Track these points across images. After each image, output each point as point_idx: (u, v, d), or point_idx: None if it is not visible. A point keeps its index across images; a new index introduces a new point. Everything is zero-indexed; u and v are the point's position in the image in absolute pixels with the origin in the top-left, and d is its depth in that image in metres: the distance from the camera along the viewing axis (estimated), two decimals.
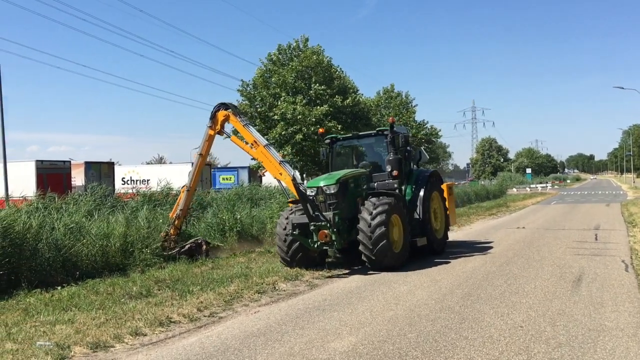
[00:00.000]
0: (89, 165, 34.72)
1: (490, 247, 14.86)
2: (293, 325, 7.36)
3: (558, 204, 39.01)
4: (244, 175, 45.05)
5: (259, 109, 36.72)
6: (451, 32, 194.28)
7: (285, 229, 11.83)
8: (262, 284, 10.13)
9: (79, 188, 29.67)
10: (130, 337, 7.07)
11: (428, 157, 15.68)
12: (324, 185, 11.56)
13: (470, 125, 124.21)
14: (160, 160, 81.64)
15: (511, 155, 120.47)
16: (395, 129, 13.45)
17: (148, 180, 37.68)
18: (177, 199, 14.87)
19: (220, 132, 13.91)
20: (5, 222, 10.53)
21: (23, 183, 25.27)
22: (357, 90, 41.28)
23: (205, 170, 35.68)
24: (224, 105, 13.81)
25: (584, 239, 16.13)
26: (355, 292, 9.39)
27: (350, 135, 14.59)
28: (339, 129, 35.68)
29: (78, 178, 33.41)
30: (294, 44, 38.50)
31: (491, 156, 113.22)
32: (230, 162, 77.86)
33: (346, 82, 39.76)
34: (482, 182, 76.54)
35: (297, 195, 11.70)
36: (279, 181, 13.04)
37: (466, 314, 7.60)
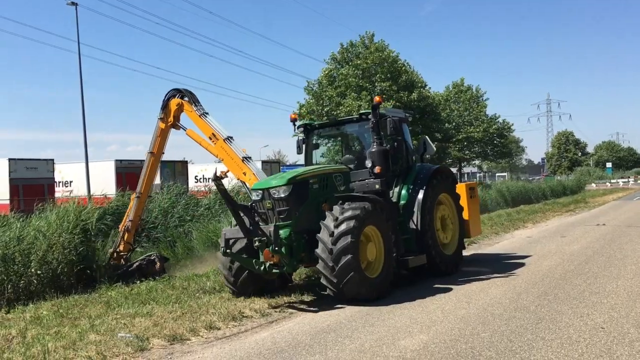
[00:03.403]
0: (164, 164, 35.84)
1: (568, 245, 14.26)
2: (363, 322, 7.35)
3: None
4: None
5: (325, 108, 36.91)
6: (524, 24, 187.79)
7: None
8: None
9: (155, 186, 30.81)
10: (205, 331, 7.29)
11: (435, 149, 12.34)
12: (272, 188, 8.80)
13: (545, 119, 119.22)
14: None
15: (590, 149, 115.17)
16: (383, 111, 10.46)
17: None
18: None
19: (175, 125, 11.60)
20: (85, 220, 11.22)
21: (104, 181, 26.55)
22: (425, 85, 40.70)
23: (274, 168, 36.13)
24: (177, 92, 11.50)
25: None
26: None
27: (327, 121, 11.50)
28: None
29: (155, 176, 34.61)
30: (359, 41, 38.40)
31: (568, 150, 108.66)
32: (298, 160, 78.60)
33: (413, 76, 39.24)
34: (558, 178, 73.66)
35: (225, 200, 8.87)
36: (242, 183, 11.09)
37: (543, 313, 7.33)
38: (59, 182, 32.05)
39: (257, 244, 8.42)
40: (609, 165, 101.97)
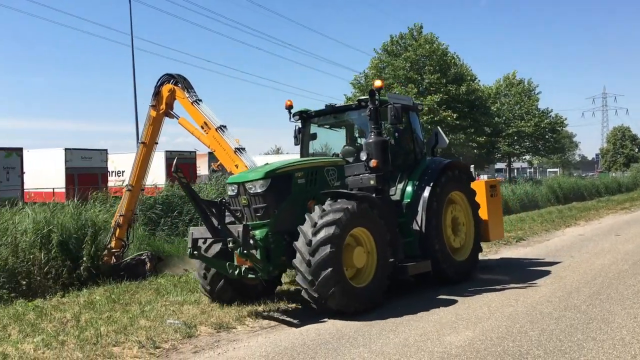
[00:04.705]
0: (212, 156, 36.57)
1: (622, 244, 13.77)
2: (408, 317, 7.32)
3: None
4: None
5: None
6: (580, 15, 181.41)
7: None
8: None
9: (203, 177, 31.42)
10: (251, 320, 7.42)
11: (447, 142, 11.12)
12: (247, 182, 7.88)
13: (600, 113, 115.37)
14: (277, 151, 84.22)
15: None
16: (386, 97, 9.18)
17: None
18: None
19: (169, 113, 10.77)
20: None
21: (154, 172, 27.16)
22: (475, 78, 40.01)
23: None
24: (170, 77, 10.69)
25: None
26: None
27: (324, 108, 9.95)
28: (454, 117, 34.83)
29: (202, 167, 35.32)
30: (408, 33, 38.08)
31: (624, 146, 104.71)
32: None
33: (462, 69, 38.64)
34: (613, 174, 71.19)
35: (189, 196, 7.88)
36: None
37: (594, 313, 7.12)
38: (112, 172, 33.06)
39: (230, 245, 7.45)
40: None
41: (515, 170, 68.42)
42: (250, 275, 7.69)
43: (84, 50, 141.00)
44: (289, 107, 9.96)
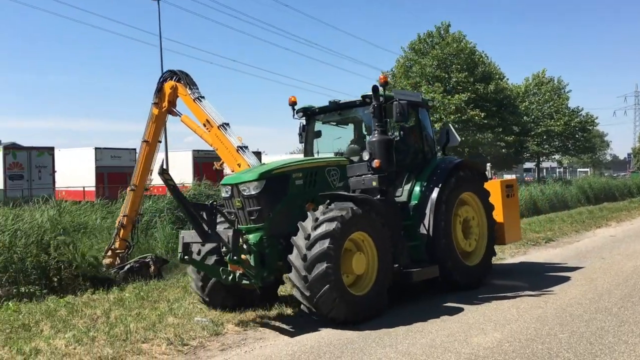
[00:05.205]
0: None
1: None
2: (434, 318, 7.26)
3: None
4: None
5: None
6: (611, 11, 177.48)
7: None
8: None
9: None
10: (278, 320, 7.46)
11: (459, 140, 10.56)
12: (241, 183, 7.51)
13: (632, 112, 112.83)
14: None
15: None
16: (392, 93, 8.61)
17: None
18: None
19: (171, 111, 10.50)
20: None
21: (182, 171, 27.55)
22: (503, 77, 39.58)
23: None
24: (173, 74, 10.40)
25: None
26: None
27: (328, 105, 9.40)
28: (482, 117, 34.48)
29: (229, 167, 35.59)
30: (435, 31, 37.84)
31: None
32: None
33: (491, 68, 38.25)
34: None
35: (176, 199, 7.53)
36: None
37: (626, 316, 6.97)
38: None
39: (224, 249, 7.15)
40: None
41: (545, 170, 67.35)
42: (244, 282, 7.28)
43: (113, 51, 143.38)
44: (293, 104, 9.49)
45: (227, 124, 9.77)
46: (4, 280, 9.32)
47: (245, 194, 7.40)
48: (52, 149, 30.39)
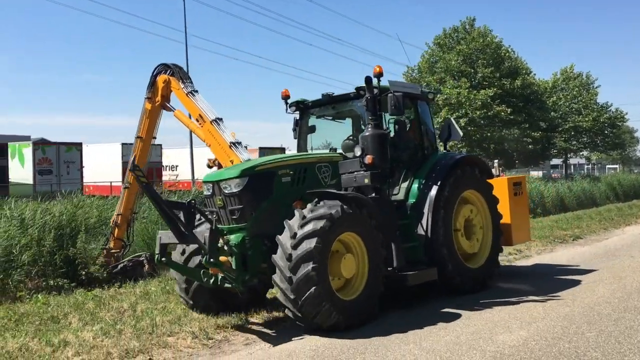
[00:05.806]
0: (262, 151, 37.12)
1: None
2: (459, 316, 7.21)
3: None
4: None
5: None
6: None
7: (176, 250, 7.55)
8: None
9: None
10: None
11: (462, 134, 10.08)
12: (222, 181, 7.12)
13: None
14: (328, 146, 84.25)
15: None
16: (387, 84, 7.94)
17: None
18: None
19: (165, 106, 10.13)
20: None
21: (200, 168, 27.73)
22: (530, 72, 39.00)
23: None
24: (166, 68, 10.06)
25: None
26: None
27: (321, 98, 8.89)
28: (508, 112, 34.05)
29: None
30: (460, 26, 37.49)
31: None
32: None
33: (517, 63, 37.72)
34: None
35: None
36: None
37: None
38: (166, 166, 33.93)
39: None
40: None
41: (572, 167, 66.24)
42: (226, 285, 6.88)
43: (140, 48, 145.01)
44: (286, 97, 9.05)
45: (221, 119, 9.50)
46: (34, 273, 9.51)
47: (226, 192, 7.00)
48: (80, 144, 30.90)
